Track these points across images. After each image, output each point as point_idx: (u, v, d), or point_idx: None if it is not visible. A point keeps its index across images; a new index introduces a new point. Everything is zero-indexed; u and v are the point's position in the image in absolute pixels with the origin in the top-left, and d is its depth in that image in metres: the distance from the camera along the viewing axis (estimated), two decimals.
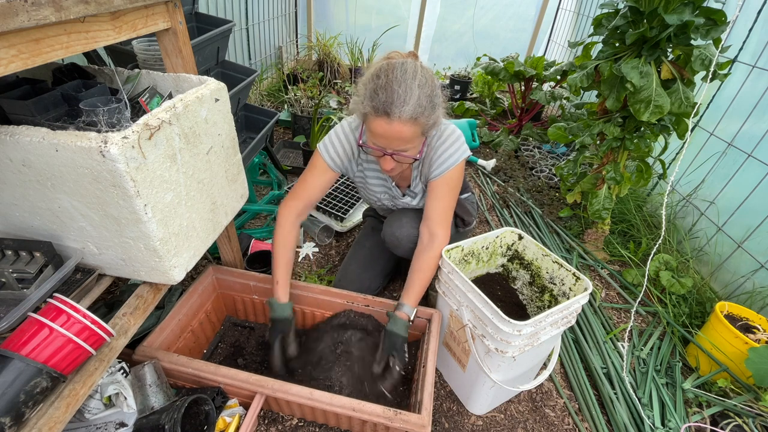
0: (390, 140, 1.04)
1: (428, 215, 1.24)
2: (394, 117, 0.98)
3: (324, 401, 1.03)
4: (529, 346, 1.06)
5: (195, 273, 1.64)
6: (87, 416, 1.01)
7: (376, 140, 1.06)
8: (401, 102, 0.97)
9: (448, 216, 1.25)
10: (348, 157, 1.29)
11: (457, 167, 1.21)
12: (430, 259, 1.22)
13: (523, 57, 4.21)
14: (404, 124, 1.00)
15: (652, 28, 1.49)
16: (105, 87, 0.99)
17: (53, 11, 0.65)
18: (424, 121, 1.02)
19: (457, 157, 1.20)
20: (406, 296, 1.21)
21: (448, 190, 1.23)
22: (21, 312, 0.77)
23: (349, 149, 1.28)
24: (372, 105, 1.00)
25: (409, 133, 1.02)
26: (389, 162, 1.11)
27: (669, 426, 1.27)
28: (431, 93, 1.02)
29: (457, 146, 1.20)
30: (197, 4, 1.86)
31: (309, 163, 1.30)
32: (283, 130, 3.17)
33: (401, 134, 1.01)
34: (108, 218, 0.84)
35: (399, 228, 1.37)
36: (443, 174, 1.20)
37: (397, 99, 0.97)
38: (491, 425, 1.29)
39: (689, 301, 1.71)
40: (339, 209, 2.03)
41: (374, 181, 1.38)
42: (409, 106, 0.98)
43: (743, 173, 1.73)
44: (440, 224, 1.23)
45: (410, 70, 1.00)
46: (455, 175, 1.22)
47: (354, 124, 1.26)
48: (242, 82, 1.83)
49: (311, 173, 1.28)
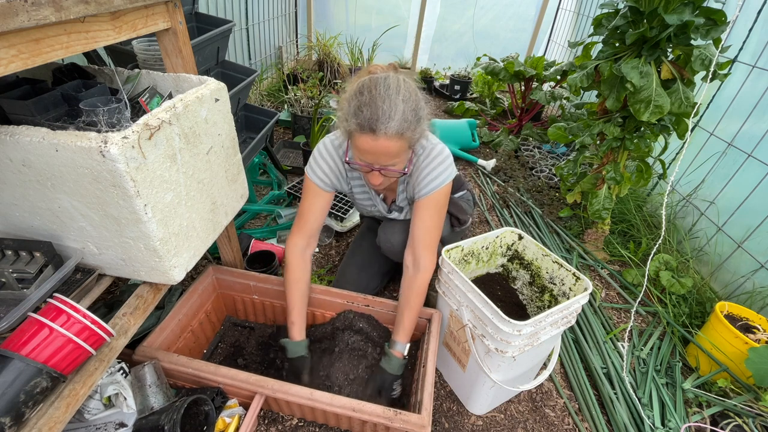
0: (377, 156, 1.02)
1: (414, 236, 1.22)
2: (380, 133, 0.97)
3: (324, 401, 1.03)
4: (529, 346, 1.06)
5: (195, 273, 1.64)
6: (87, 416, 1.01)
7: (362, 156, 1.05)
8: (386, 118, 0.96)
9: (434, 238, 1.22)
10: (335, 175, 1.27)
11: (444, 188, 1.19)
12: (417, 292, 1.20)
13: (523, 57, 4.21)
14: (390, 140, 0.98)
15: (652, 28, 1.49)
16: (105, 87, 0.99)
17: (53, 11, 0.65)
18: (409, 135, 1.01)
19: (443, 179, 1.18)
20: (397, 334, 1.20)
21: (435, 211, 1.21)
22: (21, 312, 0.77)
23: (335, 166, 1.25)
24: (357, 122, 0.98)
25: (396, 148, 1.00)
26: (377, 177, 1.09)
27: (669, 426, 1.27)
28: (415, 107, 1.01)
29: (444, 167, 1.18)
30: (197, 4, 1.86)
31: (302, 191, 1.29)
32: (283, 130, 3.17)
33: (388, 150, 1.00)
34: (108, 218, 0.84)
35: (393, 234, 1.37)
36: (429, 194, 1.18)
37: (382, 115, 0.96)
38: (491, 425, 1.29)
39: (689, 301, 1.71)
40: (339, 209, 2.03)
41: (361, 196, 1.39)
42: (395, 121, 0.96)
43: (743, 173, 1.73)
44: (426, 247, 1.20)
45: (393, 84, 0.99)
46: (441, 197, 1.20)
47: (337, 142, 1.24)
48: (242, 82, 1.83)
49: (306, 200, 1.27)
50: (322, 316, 1.39)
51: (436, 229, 1.22)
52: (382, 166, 1.06)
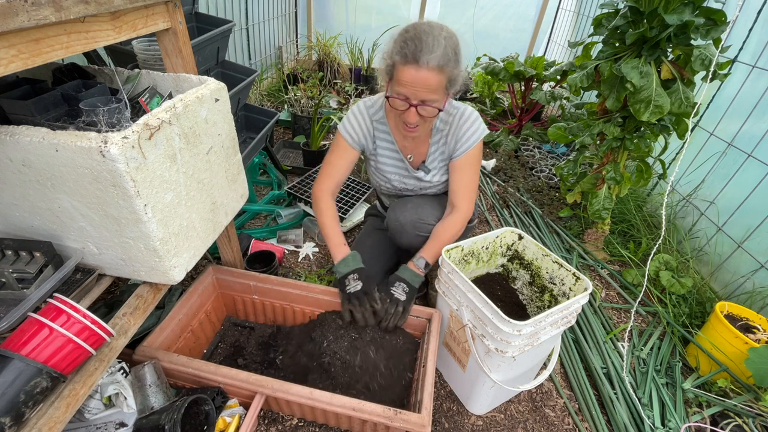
0: (417, 88, 1.09)
1: (453, 191, 1.35)
2: (422, 64, 1.05)
3: (324, 401, 1.03)
4: (529, 346, 1.06)
5: (195, 273, 1.64)
6: (87, 416, 1.01)
7: (403, 89, 1.11)
8: (429, 50, 1.04)
9: (472, 191, 1.34)
10: (364, 134, 1.37)
11: (480, 144, 1.32)
12: (448, 227, 1.30)
13: (523, 57, 4.21)
14: (431, 72, 1.06)
15: (652, 28, 1.49)
16: (105, 87, 0.99)
17: (53, 11, 0.65)
18: (449, 71, 1.09)
19: (479, 134, 1.30)
20: (422, 251, 1.31)
21: (473, 167, 1.33)
22: (21, 312, 0.77)
23: (364, 125, 1.36)
24: (401, 54, 1.07)
25: (436, 81, 1.08)
26: (413, 115, 1.14)
27: (669, 426, 1.27)
28: (456, 47, 1.10)
29: (479, 123, 1.31)
30: (197, 4, 1.86)
31: (331, 144, 1.41)
32: (283, 130, 3.17)
33: (428, 82, 1.07)
34: (108, 218, 0.84)
35: (402, 213, 1.38)
36: (468, 150, 1.30)
37: (426, 47, 1.04)
38: (491, 425, 1.29)
39: (689, 301, 1.71)
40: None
41: (386, 159, 1.42)
42: (437, 54, 1.04)
43: (743, 173, 1.73)
44: (464, 197, 1.33)
45: (436, 25, 1.09)
46: (477, 153, 1.33)
47: (369, 102, 1.36)
48: (242, 82, 1.83)
49: (334, 153, 1.38)
50: None
51: (474, 183, 1.35)
52: (421, 102, 1.11)
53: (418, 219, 1.34)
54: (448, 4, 4.24)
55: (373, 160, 1.44)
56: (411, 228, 1.35)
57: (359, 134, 1.36)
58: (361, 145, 1.39)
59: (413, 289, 1.25)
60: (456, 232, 1.31)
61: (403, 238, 1.40)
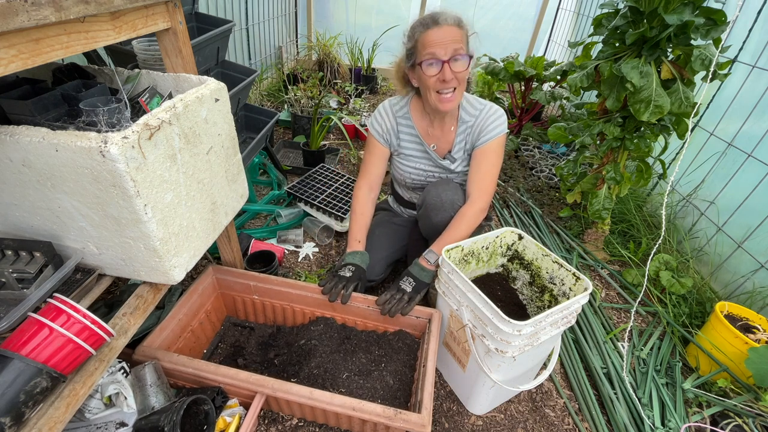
0: (444, 43, 1.21)
1: (471, 180, 1.40)
2: (442, 22, 1.22)
3: (324, 401, 1.03)
4: (529, 346, 1.06)
5: (195, 273, 1.64)
6: (87, 416, 1.01)
7: (431, 49, 1.22)
8: (444, 14, 1.23)
9: (490, 182, 1.39)
10: (388, 130, 1.49)
11: (503, 137, 1.39)
12: (462, 219, 1.34)
13: (523, 57, 4.21)
14: (452, 27, 1.22)
15: (652, 28, 1.49)
16: (105, 87, 0.98)
17: (53, 11, 0.65)
18: (466, 28, 1.26)
19: (503, 128, 1.39)
20: (434, 245, 1.35)
21: (494, 157, 1.39)
22: (21, 312, 0.77)
23: (389, 123, 1.49)
24: (422, 25, 1.24)
25: (459, 34, 1.23)
26: (448, 72, 1.23)
27: (669, 426, 1.27)
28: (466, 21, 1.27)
29: (504, 118, 1.40)
30: (197, 4, 1.86)
31: (365, 147, 1.56)
32: (283, 130, 3.17)
33: (452, 34, 1.22)
34: (108, 218, 0.84)
35: (445, 191, 1.40)
36: (492, 140, 1.37)
37: (441, 13, 1.24)
38: (491, 425, 1.29)
39: (689, 301, 1.71)
40: (339, 209, 2.03)
41: (411, 151, 1.51)
42: (452, 14, 1.24)
43: (743, 173, 1.73)
44: (480, 188, 1.37)
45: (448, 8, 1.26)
46: (499, 145, 1.39)
47: (393, 101, 1.49)
48: (242, 82, 1.83)
49: (368, 153, 1.53)
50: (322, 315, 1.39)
51: (491, 175, 1.40)
52: (452, 55, 1.22)
53: (459, 199, 1.40)
54: (447, 5, 4.24)
55: (398, 154, 1.54)
56: (449, 206, 1.38)
57: (385, 130, 1.48)
58: (388, 142, 1.50)
59: (420, 283, 1.30)
60: (468, 221, 1.34)
61: (438, 216, 1.40)
